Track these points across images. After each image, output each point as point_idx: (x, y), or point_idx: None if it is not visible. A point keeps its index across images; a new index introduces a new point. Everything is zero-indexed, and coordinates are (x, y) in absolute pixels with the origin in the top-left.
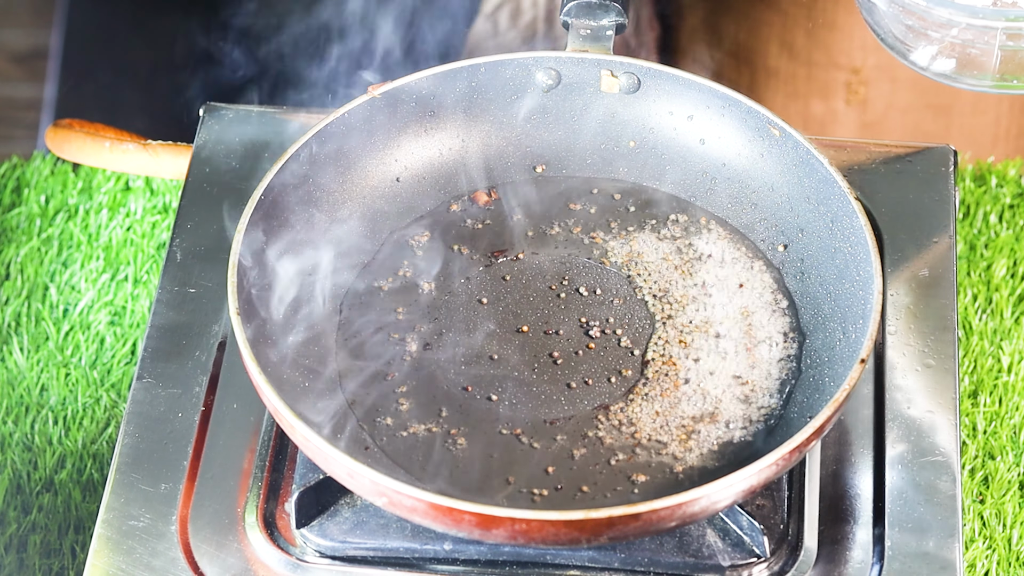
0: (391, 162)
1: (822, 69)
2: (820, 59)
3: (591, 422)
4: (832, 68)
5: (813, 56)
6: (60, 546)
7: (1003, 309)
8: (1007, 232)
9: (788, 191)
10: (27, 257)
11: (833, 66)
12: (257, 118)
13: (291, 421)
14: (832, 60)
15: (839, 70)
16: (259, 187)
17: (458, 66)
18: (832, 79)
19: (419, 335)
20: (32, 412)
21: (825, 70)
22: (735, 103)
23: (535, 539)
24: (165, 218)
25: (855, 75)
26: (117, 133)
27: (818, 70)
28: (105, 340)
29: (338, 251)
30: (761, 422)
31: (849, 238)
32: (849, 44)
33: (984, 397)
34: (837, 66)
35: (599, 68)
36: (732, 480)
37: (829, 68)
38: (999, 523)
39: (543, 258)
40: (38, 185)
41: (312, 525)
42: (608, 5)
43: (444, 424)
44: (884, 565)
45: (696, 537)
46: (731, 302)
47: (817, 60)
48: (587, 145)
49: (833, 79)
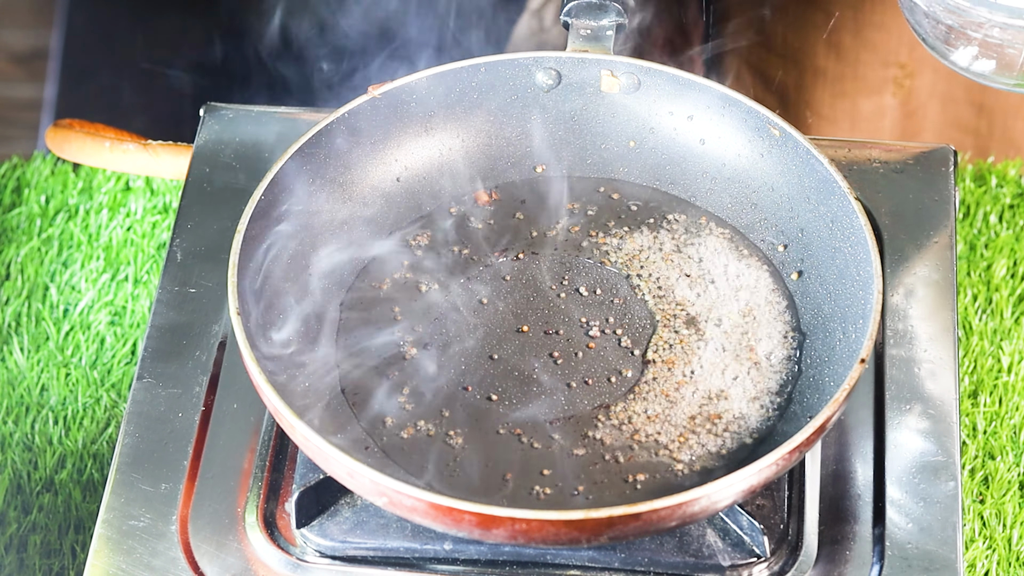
0: (391, 162)
1: (870, 68)
2: (867, 58)
3: (591, 422)
4: (879, 66)
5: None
6: (60, 546)
7: (1003, 309)
8: (1007, 232)
9: (788, 191)
10: (27, 257)
11: (880, 64)
12: (257, 118)
13: (291, 421)
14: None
15: (887, 67)
16: (259, 187)
17: (458, 66)
18: (879, 76)
19: (419, 335)
20: (32, 412)
21: (872, 68)
22: (735, 103)
23: (535, 539)
24: (165, 218)
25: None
26: (117, 133)
27: (865, 68)
28: (105, 340)
29: (338, 251)
30: (761, 422)
31: (849, 238)
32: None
33: (984, 397)
34: (885, 63)
35: (599, 68)
36: (732, 480)
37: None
38: (999, 523)
39: (543, 258)
40: (38, 185)
41: (312, 525)
42: (608, 5)
43: (444, 424)
44: (884, 565)
45: (696, 537)
46: (731, 302)
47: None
48: (587, 145)
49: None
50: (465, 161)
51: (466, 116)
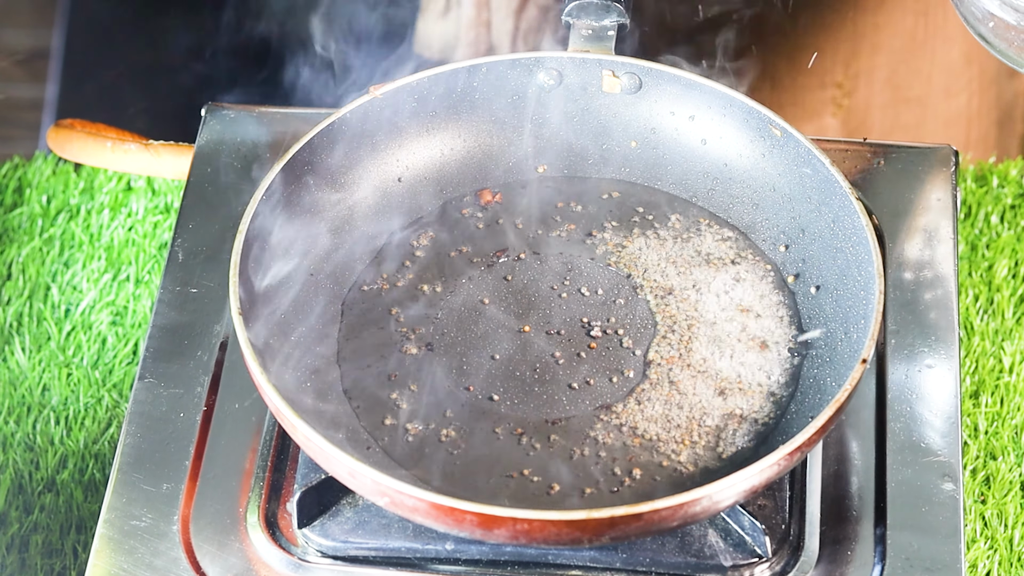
0: (392, 162)
1: (808, 91)
2: (804, 82)
3: (593, 422)
4: (817, 89)
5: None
6: (62, 546)
7: (1004, 309)
8: (1008, 232)
9: (789, 191)
10: (29, 257)
11: (818, 87)
12: (259, 118)
13: (293, 421)
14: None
15: (824, 89)
16: (261, 187)
17: (459, 66)
18: (817, 99)
19: (420, 335)
20: (34, 412)
21: (810, 91)
22: (737, 103)
23: (537, 539)
24: (167, 218)
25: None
26: (119, 133)
27: (804, 92)
28: (107, 340)
29: (340, 251)
30: (763, 422)
31: (850, 238)
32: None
33: (985, 397)
34: (822, 85)
35: (601, 68)
36: (734, 480)
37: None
38: (1001, 524)
39: (545, 258)
40: (40, 185)
41: (314, 525)
42: (609, 5)
43: (446, 424)
44: (886, 565)
45: (698, 537)
46: (732, 302)
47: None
48: (589, 145)
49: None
50: (466, 161)
51: (467, 116)
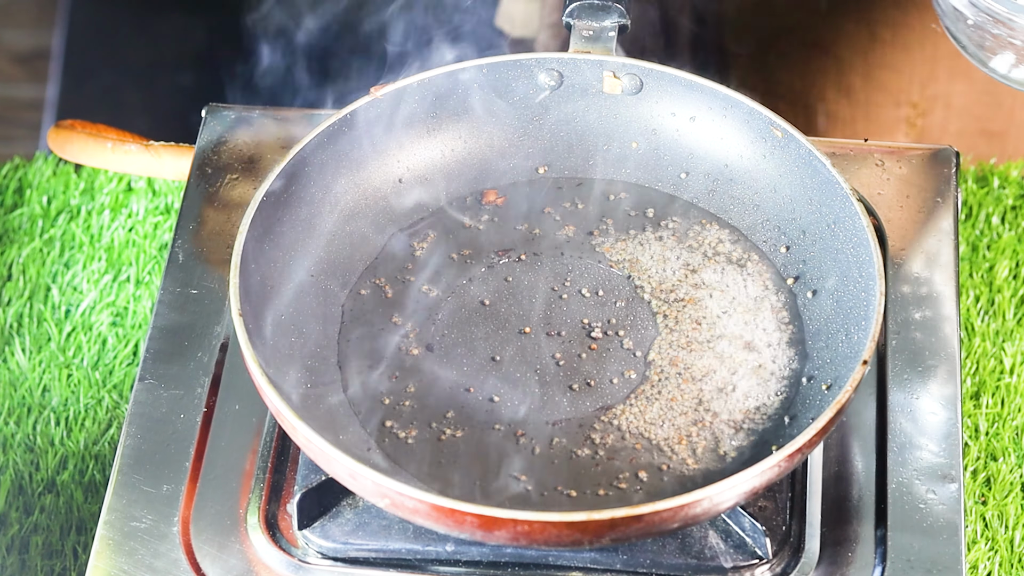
0: (393, 163)
1: (882, 109)
2: (879, 99)
3: (593, 423)
4: (891, 107)
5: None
6: (62, 547)
7: (1005, 310)
8: (1009, 233)
9: (790, 192)
10: (29, 258)
11: (892, 104)
12: (259, 119)
13: (293, 422)
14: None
15: (899, 107)
16: (261, 188)
17: (460, 67)
18: (892, 117)
19: (421, 336)
20: (34, 413)
21: (885, 109)
22: (738, 104)
23: (537, 540)
24: (167, 219)
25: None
26: (119, 134)
27: (877, 110)
28: (107, 341)
29: (340, 252)
30: (763, 423)
31: (851, 239)
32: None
33: (986, 398)
34: (896, 104)
35: (601, 69)
36: (734, 481)
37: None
38: (1001, 525)
39: (545, 259)
40: (40, 186)
41: (314, 526)
42: (610, 6)
43: (446, 425)
44: (886, 567)
45: (698, 539)
46: (733, 304)
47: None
48: (589, 146)
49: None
50: (467, 162)
51: (468, 117)
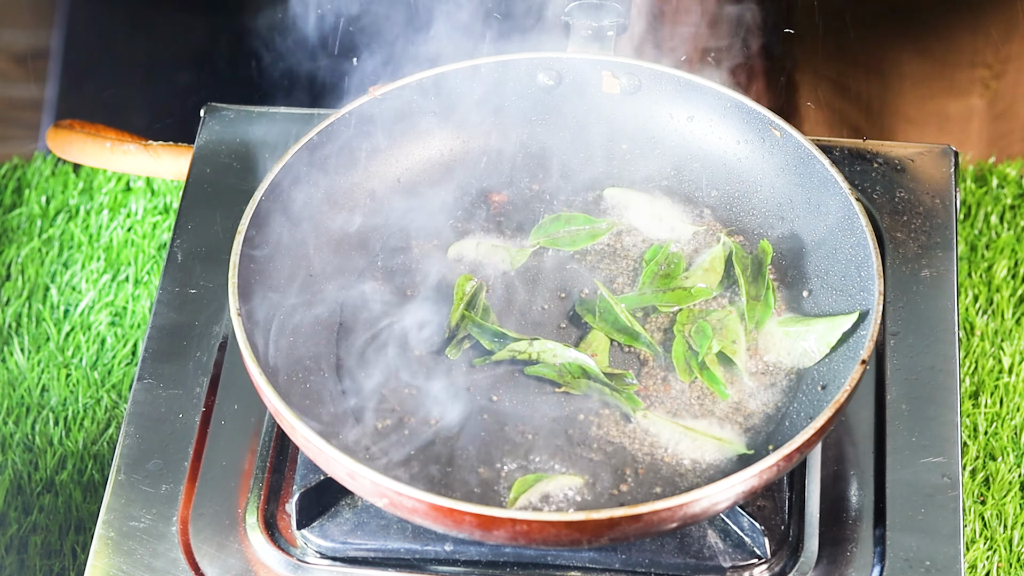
0: (392, 163)
1: (957, 69)
2: (955, 59)
3: (593, 423)
4: (967, 67)
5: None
6: (61, 547)
7: (1004, 310)
8: (1008, 233)
9: (789, 192)
10: (28, 258)
11: (967, 65)
12: (258, 118)
13: (292, 422)
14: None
15: (974, 68)
16: (260, 188)
17: (459, 67)
18: (966, 77)
19: (421, 336)
20: (33, 413)
21: (960, 70)
22: (736, 104)
23: (536, 540)
24: (166, 219)
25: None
26: (118, 134)
27: (952, 70)
28: (106, 341)
29: (339, 252)
30: (763, 423)
31: (850, 238)
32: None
33: (985, 398)
34: (972, 64)
35: (600, 69)
36: (733, 481)
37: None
38: (1000, 524)
39: (545, 259)
40: (39, 186)
41: (313, 526)
42: (609, 6)
43: (445, 425)
44: (885, 566)
45: (697, 538)
46: (732, 303)
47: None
48: (588, 146)
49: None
50: (466, 162)
51: (466, 117)
